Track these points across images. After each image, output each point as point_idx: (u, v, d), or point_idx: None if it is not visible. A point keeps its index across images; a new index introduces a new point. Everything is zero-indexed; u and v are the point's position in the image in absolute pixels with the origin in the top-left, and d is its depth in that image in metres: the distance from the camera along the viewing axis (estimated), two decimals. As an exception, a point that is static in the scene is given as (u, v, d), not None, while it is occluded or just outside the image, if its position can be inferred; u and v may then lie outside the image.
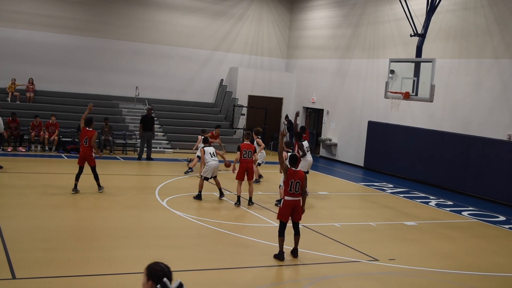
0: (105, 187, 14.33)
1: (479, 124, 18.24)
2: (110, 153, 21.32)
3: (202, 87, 27.16)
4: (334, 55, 25.10)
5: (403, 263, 10.26)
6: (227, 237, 11.27)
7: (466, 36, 18.85)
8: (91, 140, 13.73)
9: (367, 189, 18.41)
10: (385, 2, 22.35)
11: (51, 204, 12.77)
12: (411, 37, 17.80)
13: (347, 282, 9.09)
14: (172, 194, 14.61)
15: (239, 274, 9.11)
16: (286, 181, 9.88)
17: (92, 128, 13.93)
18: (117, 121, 23.62)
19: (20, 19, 23.44)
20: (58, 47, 24.12)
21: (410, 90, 15.93)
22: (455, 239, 12.63)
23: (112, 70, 25.18)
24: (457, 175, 18.60)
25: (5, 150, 19.72)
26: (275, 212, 13.62)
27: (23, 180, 15.32)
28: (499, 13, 17.80)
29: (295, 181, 9.82)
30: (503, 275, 10.22)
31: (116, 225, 11.47)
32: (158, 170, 18.98)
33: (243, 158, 14.01)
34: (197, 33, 26.68)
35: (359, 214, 14.54)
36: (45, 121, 20.80)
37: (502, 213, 15.84)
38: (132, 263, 9.17)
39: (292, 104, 27.85)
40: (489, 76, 18.05)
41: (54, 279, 8.20)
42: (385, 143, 20.99)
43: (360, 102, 23.44)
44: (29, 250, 9.34)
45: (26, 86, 22.95)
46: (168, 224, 11.95)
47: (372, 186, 18.91)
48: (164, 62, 26.12)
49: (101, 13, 24.83)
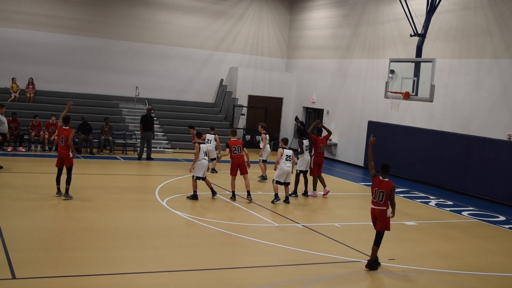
0: (73, 198, 13.23)
1: (479, 124, 18.24)
2: (110, 153, 21.32)
3: (202, 87, 27.17)
4: (334, 55, 25.10)
5: (403, 263, 10.26)
6: (227, 237, 11.26)
7: (466, 36, 18.85)
8: (67, 139, 13.10)
9: (367, 189, 18.38)
10: (385, 2, 22.36)
11: (51, 204, 12.77)
12: (411, 37, 17.81)
13: (347, 282, 9.09)
14: (172, 194, 14.61)
15: (239, 274, 9.11)
16: (371, 189, 9.94)
17: (69, 127, 13.30)
18: (117, 121, 23.62)
19: (20, 19, 23.44)
20: (58, 47, 24.12)
21: (410, 90, 15.94)
22: (455, 239, 12.63)
23: (112, 70, 25.17)
24: (457, 175, 18.60)
25: (5, 150, 19.72)
26: (275, 212, 13.65)
27: (23, 180, 15.31)
28: (499, 13, 17.80)
29: (379, 190, 9.81)
30: (503, 275, 10.22)
31: (116, 225, 11.47)
32: (158, 170, 18.97)
33: (233, 154, 14.38)
34: (197, 33, 26.68)
35: (359, 214, 14.54)
36: (45, 121, 20.81)
37: (502, 213, 15.84)
38: (132, 263, 9.17)
39: (292, 104, 27.86)
40: (489, 76, 18.05)
41: (54, 279, 8.20)
42: (385, 143, 20.98)
43: (360, 102, 23.45)
44: (29, 250, 9.35)
45: (26, 86, 22.97)
46: (168, 224, 11.95)
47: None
48: (164, 62, 26.12)
49: (101, 13, 24.83)
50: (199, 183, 14.22)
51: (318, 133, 16.25)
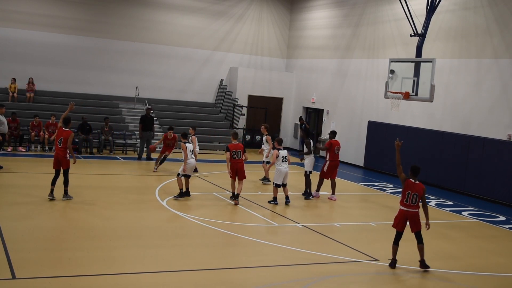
0: (73, 198, 13.15)
1: (479, 124, 18.24)
2: (110, 153, 21.32)
3: (202, 87, 27.17)
4: (334, 55, 25.10)
5: (403, 263, 10.25)
6: (227, 237, 11.27)
7: (466, 36, 18.84)
8: (66, 141, 12.77)
9: (367, 189, 18.41)
10: (385, 2, 22.36)
11: (51, 204, 12.76)
12: (411, 37, 17.81)
13: (347, 282, 9.09)
14: (172, 194, 14.60)
15: (239, 274, 9.11)
16: (403, 192, 9.98)
17: (69, 129, 12.98)
18: (117, 121, 23.62)
19: (20, 19, 23.44)
20: (58, 47, 24.12)
21: (410, 90, 15.94)
22: (455, 239, 12.63)
23: (112, 70, 25.17)
24: (457, 175, 18.60)
25: (5, 150, 19.72)
26: (275, 212, 13.65)
27: (23, 180, 15.31)
28: (499, 13, 17.80)
29: (412, 193, 9.87)
30: (503, 275, 10.22)
31: (116, 225, 11.47)
32: (158, 170, 18.96)
33: (232, 158, 13.94)
34: (197, 33, 26.68)
35: (359, 214, 14.54)
36: (45, 121, 20.80)
37: (502, 213, 15.84)
38: (132, 263, 9.17)
39: (292, 104, 27.85)
40: (489, 76, 18.05)
41: (54, 279, 8.20)
42: (385, 143, 20.97)
43: (360, 102, 23.44)
44: (29, 250, 9.35)
45: (26, 86, 22.98)
46: (168, 224, 11.95)
47: (372, 186, 18.91)
48: (164, 62, 26.12)
49: (101, 13, 24.83)
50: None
51: (332, 135, 15.93)
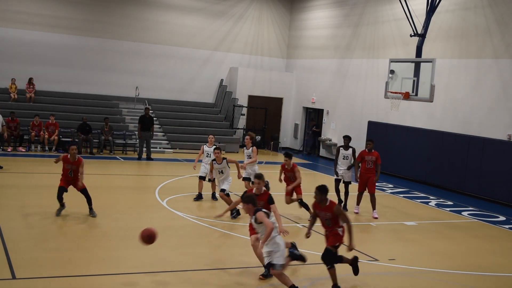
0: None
1: (479, 124, 18.24)
2: (110, 153, 21.32)
3: (202, 87, 27.16)
4: (334, 55, 25.10)
5: (403, 263, 10.25)
6: (227, 237, 11.27)
7: (466, 36, 18.84)
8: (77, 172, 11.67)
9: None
10: (385, 2, 22.36)
11: (51, 204, 12.75)
12: (411, 37, 17.81)
13: (347, 282, 9.08)
14: (172, 194, 14.61)
15: (239, 274, 9.11)
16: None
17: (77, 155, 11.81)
18: (117, 121, 23.62)
19: (20, 19, 23.43)
20: (58, 47, 24.12)
21: (410, 90, 15.94)
22: (455, 239, 12.63)
23: (112, 70, 25.17)
24: (457, 175, 18.60)
25: (5, 150, 19.72)
26: (275, 212, 13.62)
27: (23, 180, 15.31)
28: (499, 13, 17.79)
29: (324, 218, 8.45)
30: (503, 275, 10.21)
31: (116, 225, 11.47)
32: (158, 170, 18.98)
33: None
34: (197, 33, 26.68)
35: (359, 214, 14.54)
36: (45, 121, 20.80)
37: (502, 213, 15.84)
38: (132, 263, 9.17)
39: (292, 104, 27.85)
40: (489, 76, 18.05)
41: (54, 279, 8.20)
42: (385, 143, 20.97)
43: (360, 102, 23.44)
44: (29, 250, 9.35)
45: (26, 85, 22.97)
46: (168, 224, 11.95)
47: (372, 186, 18.87)
48: (164, 62, 26.12)
49: (101, 13, 24.82)
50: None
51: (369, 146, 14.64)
